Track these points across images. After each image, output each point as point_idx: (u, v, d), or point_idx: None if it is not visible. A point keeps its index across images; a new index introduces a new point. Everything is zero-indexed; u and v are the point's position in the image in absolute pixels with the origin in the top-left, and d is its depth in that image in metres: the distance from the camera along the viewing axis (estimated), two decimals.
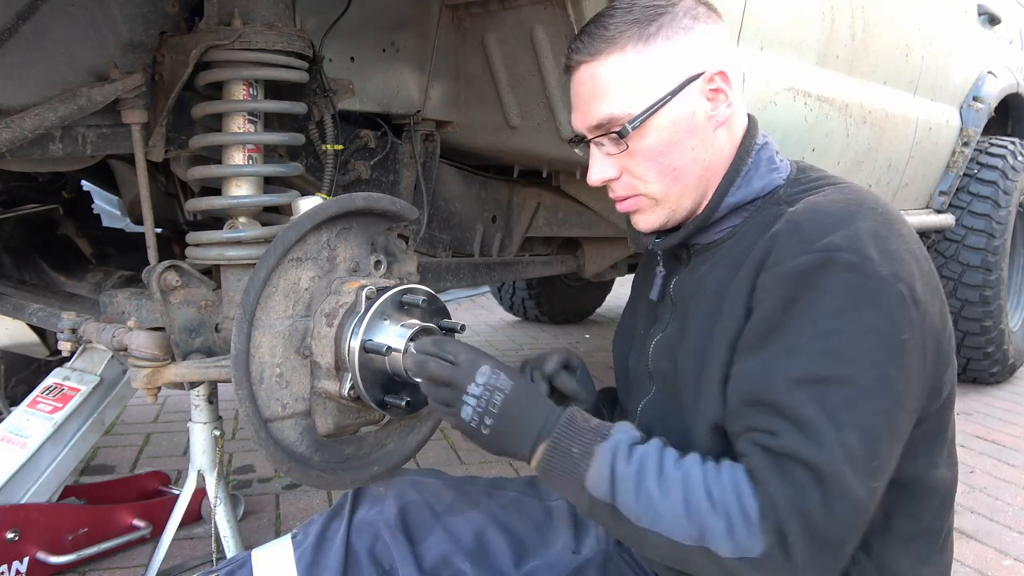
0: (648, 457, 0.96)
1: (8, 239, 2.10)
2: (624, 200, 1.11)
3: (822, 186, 1.05)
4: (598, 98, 1.05)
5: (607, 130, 1.06)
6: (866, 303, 0.90)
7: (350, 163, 1.85)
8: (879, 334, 0.90)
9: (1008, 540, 2.12)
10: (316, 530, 1.21)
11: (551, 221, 2.50)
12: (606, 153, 1.08)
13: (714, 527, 0.89)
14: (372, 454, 1.29)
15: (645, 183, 1.08)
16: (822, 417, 0.88)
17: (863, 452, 0.88)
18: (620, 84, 1.04)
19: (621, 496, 0.95)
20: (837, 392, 0.89)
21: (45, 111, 1.30)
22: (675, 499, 0.92)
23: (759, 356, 0.94)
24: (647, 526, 0.93)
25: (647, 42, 1.04)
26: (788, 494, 0.87)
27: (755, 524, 0.88)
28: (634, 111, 1.04)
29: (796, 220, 0.98)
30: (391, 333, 1.17)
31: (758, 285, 0.96)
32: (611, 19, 1.05)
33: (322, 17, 1.64)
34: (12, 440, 1.79)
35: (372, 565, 1.18)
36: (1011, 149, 3.56)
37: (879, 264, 0.91)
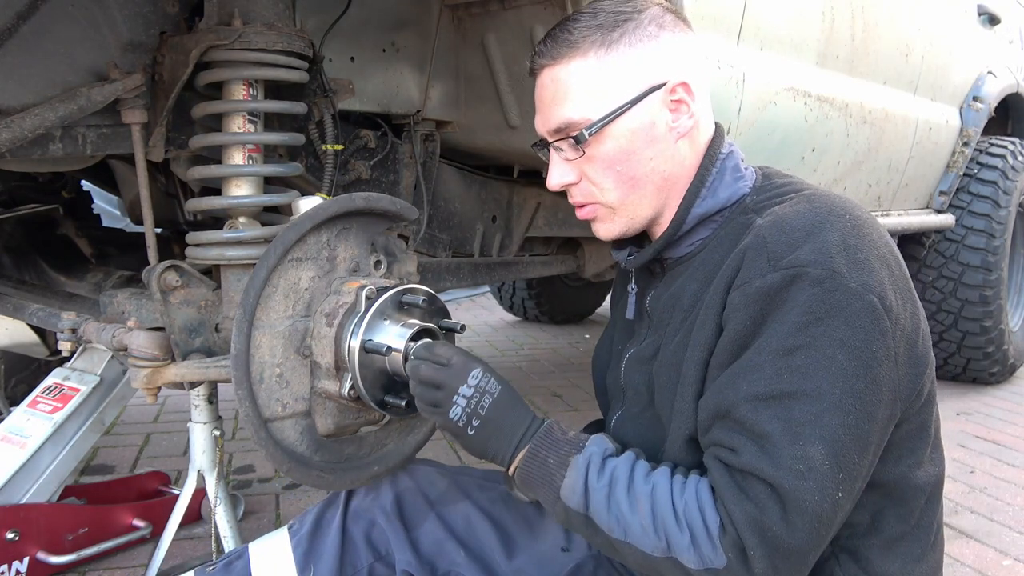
0: (619, 470, 0.98)
1: (8, 239, 2.10)
2: (582, 207, 1.11)
3: (788, 193, 1.04)
4: (558, 102, 1.05)
5: (566, 135, 1.06)
6: (833, 316, 0.90)
7: (350, 163, 1.85)
8: (846, 347, 0.90)
9: (1008, 540, 2.12)
10: (311, 519, 1.22)
11: (551, 221, 2.50)
12: (565, 158, 1.08)
13: (679, 541, 0.92)
14: (372, 454, 1.29)
15: (602, 191, 1.08)
16: (784, 433, 0.89)
17: (828, 466, 0.88)
18: (580, 89, 1.04)
19: (593, 507, 0.97)
20: (802, 407, 0.89)
21: (45, 111, 1.30)
22: (643, 512, 0.94)
23: (727, 373, 0.95)
24: (619, 537, 0.96)
25: (609, 48, 1.03)
26: (747, 510, 0.89)
27: (716, 539, 0.90)
28: (593, 117, 1.04)
29: (763, 236, 0.97)
30: (391, 333, 1.17)
31: (728, 303, 0.97)
32: (575, 23, 1.04)
33: (322, 17, 1.64)
34: (12, 440, 1.79)
35: (368, 550, 1.19)
36: (1011, 149, 3.56)
37: (847, 276, 0.91)
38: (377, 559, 1.19)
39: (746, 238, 0.99)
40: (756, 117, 1.97)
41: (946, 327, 3.48)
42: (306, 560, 1.17)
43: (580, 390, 3.47)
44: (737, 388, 0.93)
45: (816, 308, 0.90)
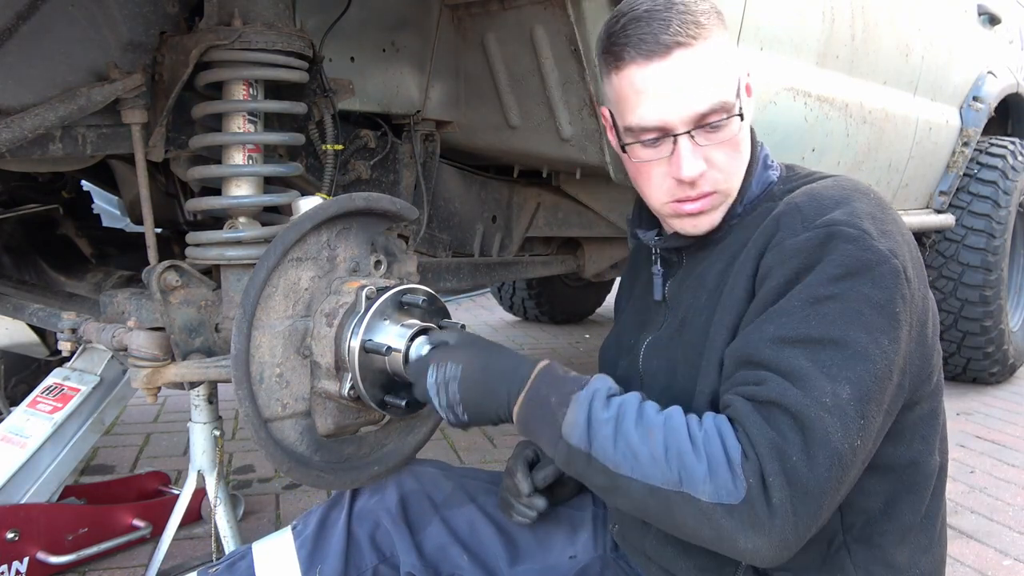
0: (628, 404, 0.95)
1: (8, 239, 2.10)
2: (699, 199, 1.05)
3: (814, 179, 1.07)
4: (704, 84, 1.00)
5: (716, 118, 1.01)
6: (863, 273, 0.92)
7: (350, 163, 1.85)
8: (872, 303, 0.92)
9: (1008, 540, 2.12)
10: (316, 520, 1.22)
11: (551, 221, 2.50)
12: (697, 144, 1.02)
13: (695, 469, 0.88)
14: (372, 454, 1.29)
15: (727, 176, 1.05)
16: (812, 369, 0.90)
17: (852, 408, 0.89)
18: (720, 69, 1.01)
19: (598, 442, 0.93)
20: (829, 352, 0.90)
21: (45, 111, 1.30)
22: (655, 442, 0.91)
23: (755, 322, 0.96)
24: (625, 472, 0.91)
25: (722, 29, 1.03)
26: (770, 437, 0.87)
27: (737, 466, 0.87)
28: (733, 97, 1.02)
29: (795, 202, 1.00)
30: (391, 333, 1.17)
31: (761, 266, 0.98)
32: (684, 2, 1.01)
33: (322, 17, 1.64)
34: (12, 440, 1.79)
35: (373, 552, 1.19)
36: (1011, 149, 3.56)
37: (876, 239, 0.94)
38: (382, 561, 1.19)
39: (776, 210, 1.01)
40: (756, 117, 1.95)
41: (946, 327, 3.48)
42: (310, 561, 1.17)
43: None
44: (763, 332, 0.94)
45: (847, 263, 0.92)
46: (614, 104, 1.06)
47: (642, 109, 1.01)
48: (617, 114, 1.06)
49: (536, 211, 2.46)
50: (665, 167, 1.04)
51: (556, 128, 1.92)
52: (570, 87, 1.85)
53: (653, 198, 1.09)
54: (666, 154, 1.03)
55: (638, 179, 1.09)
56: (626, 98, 1.02)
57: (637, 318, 1.22)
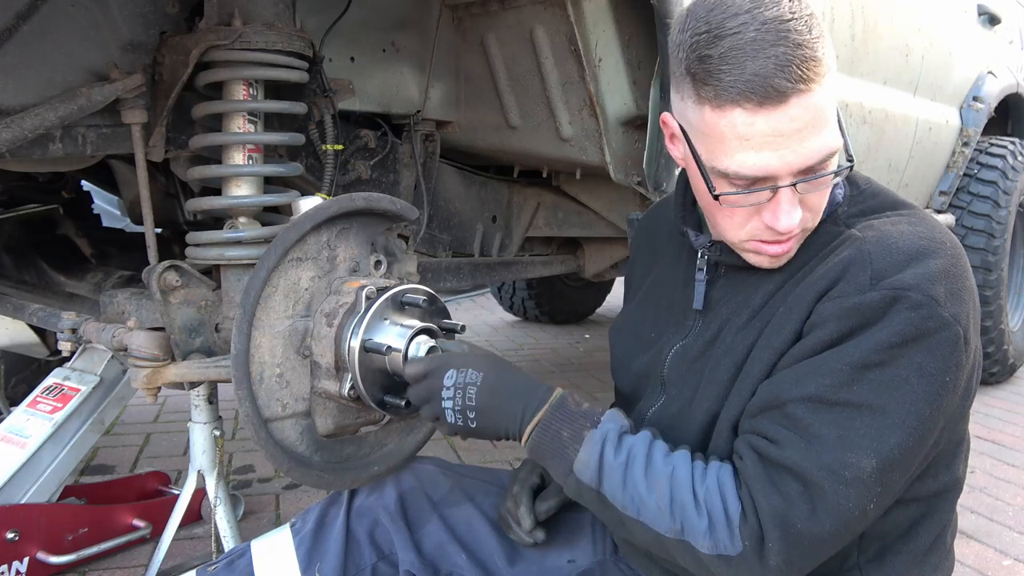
0: (637, 448, 0.96)
1: (8, 239, 2.10)
2: (788, 241, 0.97)
3: (882, 209, 1.01)
4: (817, 132, 0.88)
5: (823, 168, 0.91)
6: (919, 341, 0.88)
7: (350, 163, 1.85)
8: (923, 372, 0.88)
9: (1008, 540, 2.12)
10: (314, 517, 1.22)
11: (551, 221, 2.50)
12: (795, 193, 0.92)
13: (696, 525, 0.90)
14: (372, 454, 1.29)
15: (815, 216, 0.97)
16: (838, 440, 0.87)
17: (873, 479, 0.87)
18: (830, 110, 0.90)
19: (608, 484, 0.96)
20: (864, 419, 0.88)
21: (45, 111, 1.30)
22: (661, 493, 0.93)
23: (795, 368, 0.93)
24: (632, 515, 0.94)
25: (831, 50, 0.90)
26: (774, 504, 0.88)
27: (735, 526, 0.89)
28: (839, 141, 0.92)
29: (867, 252, 0.93)
30: (391, 333, 1.17)
31: (816, 311, 0.93)
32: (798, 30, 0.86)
33: (322, 17, 1.64)
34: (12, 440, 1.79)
35: (372, 549, 1.19)
36: (1011, 149, 3.56)
37: (943, 305, 0.89)
38: (380, 558, 1.19)
39: (845, 251, 0.94)
40: None
41: None
42: (309, 558, 1.17)
43: (580, 390, 3.47)
44: (802, 385, 0.90)
45: (906, 331, 0.88)
46: (700, 135, 0.93)
47: (743, 157, 0.89)
48: (704, 148, 0.93)
49: (536, 211, 2.46)
50: (753, 210, 0.94)
51: (556, 128, 1.92)
52: (570, 87, 1.85)
53: (731, 234, 0.98)
54: (761, 200, 0.93)
55: (715, 213, 0.98)
56: (722, 139, 0.90)
57: (662, 314, 1.16)
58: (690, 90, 0.91)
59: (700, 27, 0.89)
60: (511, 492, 1.19)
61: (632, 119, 1.86)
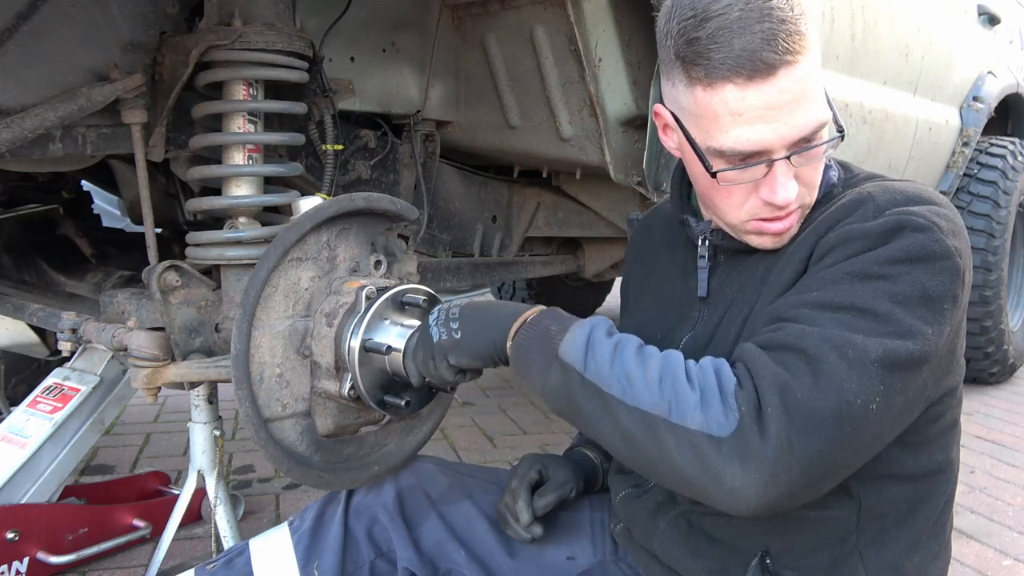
0: (629, 338, 0.93)
1: (8, 239, 2.10)
2: (787, 217, 0.98)
3: (879, 179, 1.03)
4: (806, 104, 0.91)
5: (816, 138, 0.93)
6: (924, 262, 0.89)
7: (350, 163, 1.85)
8: (926, 292, 0.88)
9: (1008, 540, 2.12)
10: (312, 515, 1.22)
11: (551, 221, 2.50)
12: (791, 166, 0.94)
13: (686, 398, 0.84)
14: (372, 454, 1.29)
15: (811, 189, 0.98)
16: (839, 326, 0.85)
17: (874, 369, 0.83)
18: (816, 82, 0.92)
19: (594, 361, 0.90)
20: (868, 320, 0.86)
21: (45, 111, 1.30)
22: (650, 369, 0.88)
23: (796, 286, 0.93)
24: (616, 394, 0.87)
25: (814, 24, 0.92)
26: (773, 371, 0.84)
27: (729, 395, 0.83)
28: (828, 113, 0.94)
29: (868, 192, 0.95)
30: (391, 333, 1.17)
31: (820, 245, 0.93)
32: (780, 7, 0.89)
33: (322, 17, 1.64)
34: (12, 440, 1.79)
35: (370, 546, 1.19)
36: (1011, 149, 3.56)
37: (946, 235, 0.90)
38: (379, 556, 1.19)
39: (843, 199, 0.96)
40: None
41: None
42: (307, 556, 1.17)
43: None
44: (802, 296, 0.90)
45: (911, 249, 0.89)
46: (693, 117, 0.95)
47: (738, 132, 0.91)
48: (698, 130, 0.95)
49: (536, 211, 2.46)
50: (751, 188, 0.96)
51: (556, 128, 1.92)
52: (570, 87, 1.85)
53: (731, 215, 1.00)
54: (757, 176, 0.94)
55: (713, 195, 0.99)
56: (715, 118, 0.92)
57: (666, 310, 1.16)
58: (680, 74, 0.93)
59: (686, 13, 0.91)
60: (509, 487, 1.19)
61: (632, 119, 1.86)
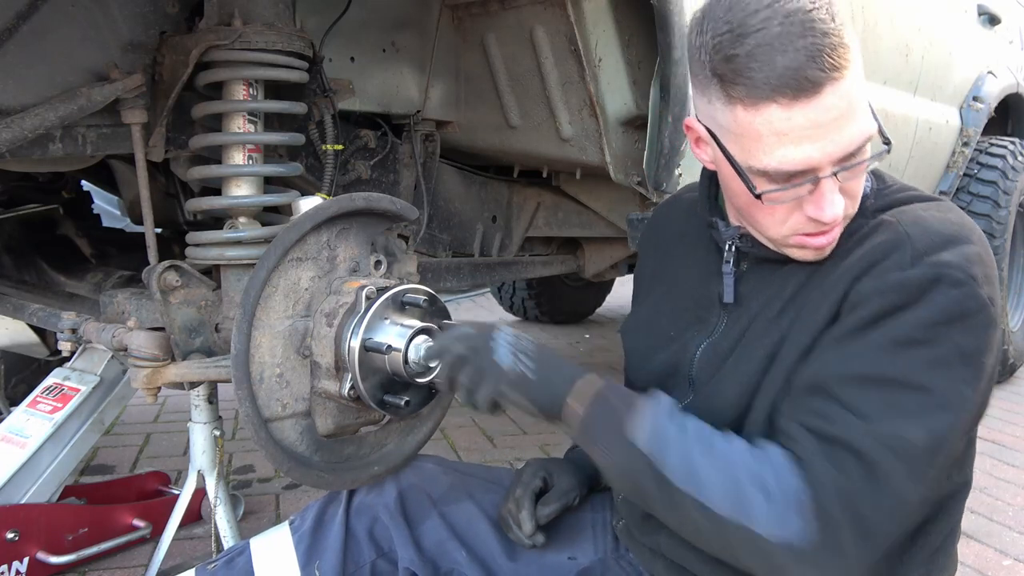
0: (691, 419, 0.94)
1: (8, 239, 2.10)
2: (832, 231, 0.95)
3: (911, 199, 1.01)
4: (853, 119, 0.88)
5: (862, 153, 0.90)
6: (960, 321, 0.89)
7: (350, 163, 1.85)
8: (963, 352, 0.89)
9: (1008, 540, 2.12)
10: (313, 515, 1.22)
11: (551, 221, 2.50)
12: (837, 182, 0.91)
13: (757, 504, 0.86)
14: (372, 454, 1.29)
15: (854, 203, 0.96)
16: (885, 412, 0.86)
17: (923, 457, 0.86)
18: (862, 96, 0.89)
19: (661, 448, 0.90)
20: (910, 397, 0.87)
21: (45, 111, 1.30)
22: (718, 466, 0.88)
23: (836, 350, 0.92)
24: (686, 488, 0.88)
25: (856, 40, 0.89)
26: (837, 481, 0.85)
27: (804, 508, 0.85)
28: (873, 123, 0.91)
29: (906, 231, 0.93)
30: (391, 333, 1.17)
31: (855, 290, 0.92)
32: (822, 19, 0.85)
33: (322, 17, 1.64)
34: (12, 440, 1.79)
35: (371, 546, 1.19)
36: (1011, 149, 3.56)
37: (981, 286, 0.90)
38: (380, 555, 1.19)
39: (881, 234, 0.94)
40: None
41: None
42: (308, 556, 1.17)
43: None
44: (847, 364, 0.90)
45: (948, 309, 0.88)
46: (733, 136, 0.92)
47: (783, 152, 0.88)
48: (739, 148, 0.92)
49: (536, 211, 2.46)
50: (795, 204, 0.93)
51: (556, 128, 1.92)
52: (570, 87, 1.85)
53: (773, 231, 0.97)
54: (802, 194, 0.91)
55: (755, 212, 0.96)
56: (758, 138, 0.89)
57: (681, 310, 1.13)
58: (718, 92, 0.89)
59: (720, 27, 0.87)
60: (513, 495, 1.19)
61: (632, 119, 1.86)
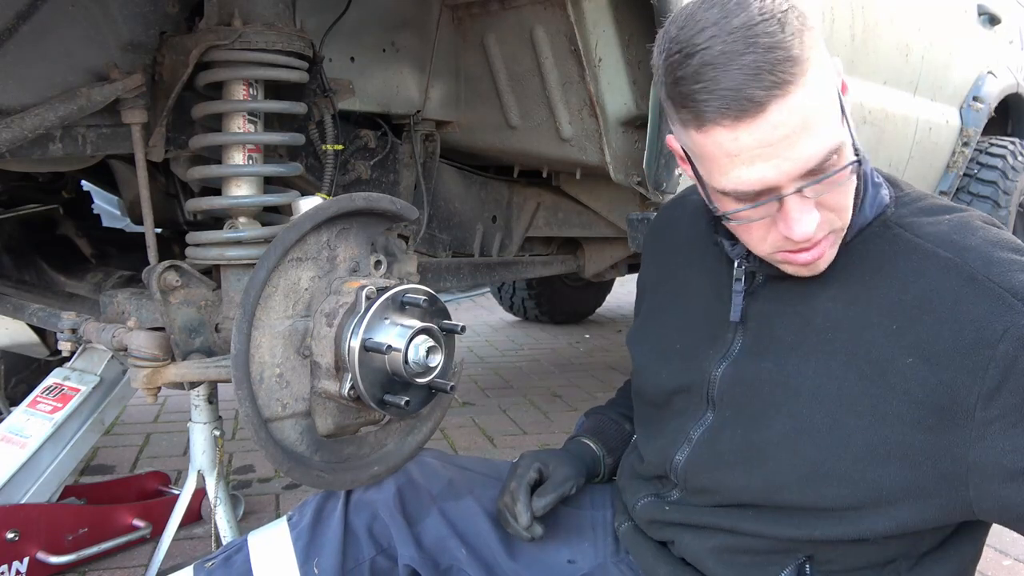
0: None
1: (8, 239, 2.10)
2: (816, 246, 0.91)
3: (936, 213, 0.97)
4: (808, 134, 0.83)
5: (829, 165, 0.86)
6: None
7: (350, 163, 1.85)
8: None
9: (1008, 540, 2.12)
10: (311, 510, 1.21)
11: (551, 221, 2.50)
12: (805, 198, 0.87)
13: None
14: (372, 454, 1.29)
15: (841, 213, 0.91)
16: None
17: None
18: (826, 100, 0.86)
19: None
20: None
21: (45, 111, 1.30)
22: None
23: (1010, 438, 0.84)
24: None
25: (813, 34, 0.84)
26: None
27: None
28: (842, 135, 0.88)
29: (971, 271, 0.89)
30: (391, 333, 1.17)
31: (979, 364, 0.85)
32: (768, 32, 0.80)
33: (322, 17, 1.64)
34: (12, 440, 1.79)
35: (371, 543, 1.18)
36: (1011, 149, 3.56)
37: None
38: (379, 552, 1.18)
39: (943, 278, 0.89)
40: None
41: None
42: (307, 552, 1.16)
43: (580, 390, 3.47)
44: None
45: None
46: (696, 157, 0.91)
47: (737, 173, 0.85)
48: (703, 169, 0.91)
49: (536, 211, 2.46)
50: (770, 221, 0.90)
51: (556, 128, 1.92)
52: (570, 87, 1.85)
53: (757, 248, 0.95)
54: (772, 212, 0.88)
55: (735, 229, 0.95)
56: (713, 159, 0.86)
57: (691, 325, 1.11)
58: (674, 115, 0.88)
59: (672, 48, 0.85)
60: (508, 488, 1.19)
61: (632, 119, 1.86)
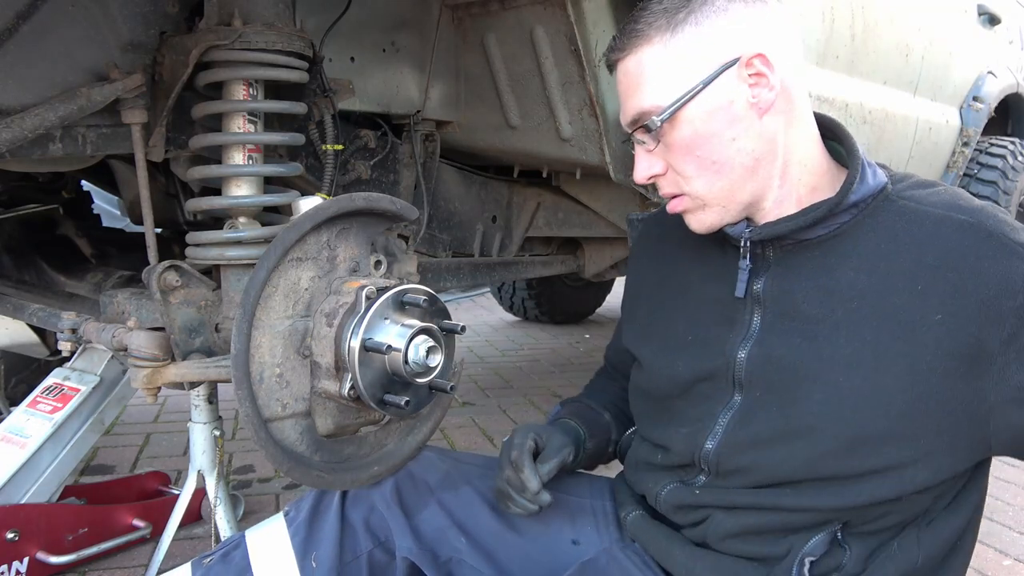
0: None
1: (8, 239, 2.10)
2: (671, 199, 1.08)
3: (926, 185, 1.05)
4: (632, 93, 1.04)
5: (640, 124, 1.04)
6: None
7: (350, 163, 1.85)
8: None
9: (1008, 540, 2.12)
10: (308, 505, 1.22)
11: (551, 221, 2.50)
12: (647, 150, 1.06)
13: None
14: (372, 454, 1.29)
15: (687, 180, 1.04)
16: None
17: None
18: (650, 77, 1.02)
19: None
20: None
21: (45, 111, 1.30)
22: None
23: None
24: None
25: (674, 31, 1.01)
26: None
27: None
28: (664, 103, 1.01)
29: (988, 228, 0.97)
30: (391, 333, 1.17)
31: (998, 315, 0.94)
32: (642, 12, 1.03)
33: (322, 17, 1.64)
34: (12, 440, 1.79)
35: (368, 536, 1.18)
36: (1011, 149, 3.56)
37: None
38: (377, 545, 1.18)
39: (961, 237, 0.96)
40: None
41: None
42: (305, 547, 1.16)
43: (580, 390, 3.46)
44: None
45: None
46: None
47: None
48: None
49: (536, 211, 2.46)
50: None
51: (556, 128, 1.92)
52: (570, 87, 1.85)
53: None
54: None
55: None
56: None
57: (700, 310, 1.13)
58: None
59: None
60: (508, 460, 1.17)
61: None
